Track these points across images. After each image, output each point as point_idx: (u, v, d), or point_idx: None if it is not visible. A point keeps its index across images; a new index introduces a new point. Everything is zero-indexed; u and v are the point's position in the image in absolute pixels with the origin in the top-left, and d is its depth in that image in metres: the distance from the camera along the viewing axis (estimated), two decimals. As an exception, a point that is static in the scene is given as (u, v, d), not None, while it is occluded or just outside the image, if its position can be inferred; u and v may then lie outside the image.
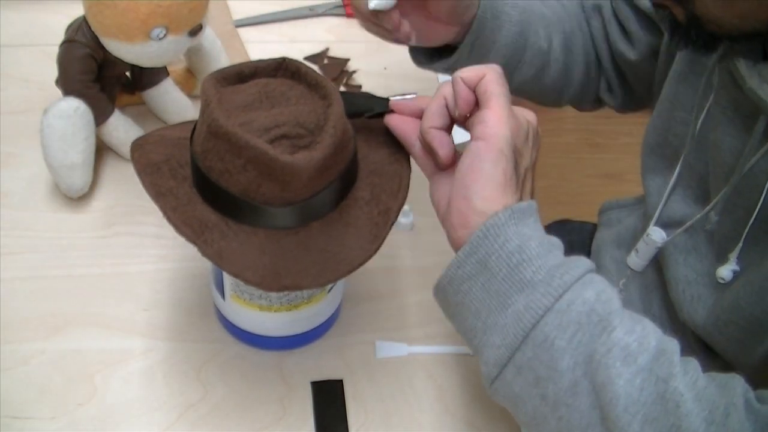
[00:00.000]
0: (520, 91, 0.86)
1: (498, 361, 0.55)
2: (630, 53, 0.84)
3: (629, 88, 0.90)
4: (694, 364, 0.54)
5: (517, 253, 0.54)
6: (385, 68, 1.01)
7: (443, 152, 0.60)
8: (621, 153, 1.99)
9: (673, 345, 0.54)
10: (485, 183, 0.56)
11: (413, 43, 0.76)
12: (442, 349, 0.74)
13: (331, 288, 0.68)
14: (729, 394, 0.52)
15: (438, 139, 0.60)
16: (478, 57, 0.78)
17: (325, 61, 1.01)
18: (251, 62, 0.63)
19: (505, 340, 0.54)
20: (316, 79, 0.61)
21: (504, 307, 0.54)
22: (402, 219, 0.82)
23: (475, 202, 0.56)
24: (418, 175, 0.64)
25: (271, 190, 0.57)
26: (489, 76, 0.57)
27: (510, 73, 0.80)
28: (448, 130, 0.62)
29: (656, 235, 0.75)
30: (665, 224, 0.76)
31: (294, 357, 0.72)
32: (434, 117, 0.60)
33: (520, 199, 0.58)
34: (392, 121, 0.64)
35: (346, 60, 1.01)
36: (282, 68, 0.62)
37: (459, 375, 0.72)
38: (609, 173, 1.96)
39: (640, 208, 0.86)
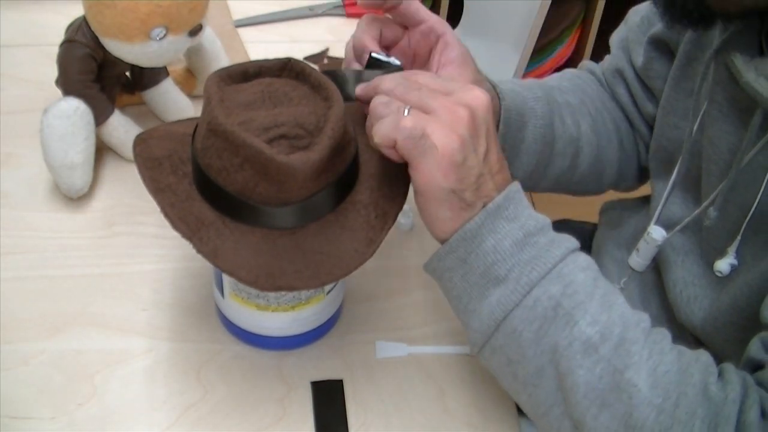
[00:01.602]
0: (559, 186, 0.83)
1: (476, 342, 0.61)
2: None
3: None
4: (661, 344, 0.58)
5: (492, 252, 0.58)
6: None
7: None
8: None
9: (636, 332, 0.57)
10: (439, 224, 0.60)
11: None
12: (442, 349, 0.74)
13: (330, 290, 0.68)
14: (685, 381, 0.56)
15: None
16: (509, 158, 0.75)
17: (325, 61, 1.01)
18: (256, 61, 0.63)
19: (481, 326, 0.60)
20: (320, 81, 0.61)
21: (481, 298, 0.60)
22: (402, 219, 0.82)
23: (438, 234, 0.61)
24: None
25: (267, 189, 0.57)
26: (400, 143, 0.56)
27: (543, 169, 0.79)
28: None
29: (656, 233, 0.75)
30: (665, 226, 0.76)
31: (294, 357, 0.72)
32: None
33: (495, 188, 0.59)
34: None
35: (346, 60, 1.01)
36: (287, 68, 0.63)
37: (459, 375, 0.72)
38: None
39: (642, 209, 0.86)
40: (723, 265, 0.67)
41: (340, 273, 0.59)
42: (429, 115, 0.57)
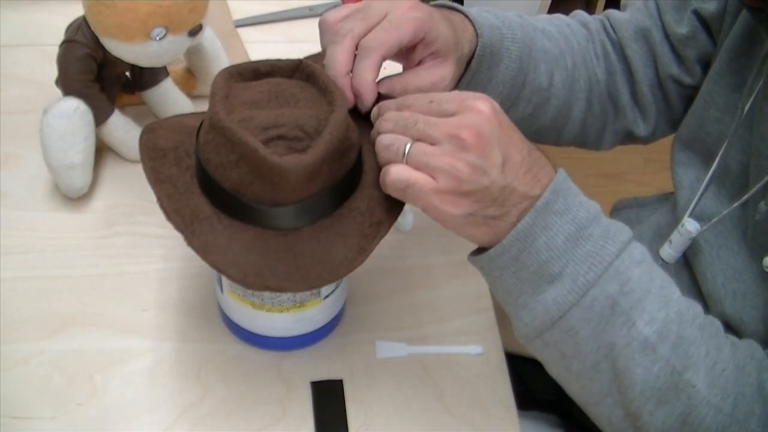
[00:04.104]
0: None
1: (526, 335, 0.60)
2: (684, 76, 0.81)
3: (670, 110, 0.86)
4: (716, 338, 0.58)
5: (545, 250, 0.57)
6: (384, 67, 1.00)
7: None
8: (621, 153, 1.97)
9: (693, 329, 0.58)
10: (476, 240, 0.60)
11: None
12: (442, 349, 0.74)
13: (328, 295, 0.68)
14: (742, 381, 0.57)
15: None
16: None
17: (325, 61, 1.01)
18: (269, 61, 0.63)
19: (533, 322, 0.59)
20: (326, 84, 0.61)
21: (534, 293, 0.58)
22: (401, 219, 0.82)
23: (481, 244, 0.60)
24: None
25: (261, 189, 0.57)
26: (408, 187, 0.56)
27: (506, 110, 0.78)
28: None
29: (691, 226, 0.75)
30: (698, 218, 0.75)
31: (294, 357, 0.72)
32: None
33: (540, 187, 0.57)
34: None
35: (346, 60, 1.01)
36: (299, 70, 0.63)
37: (459, 375, 0.72)
38: (609, 173, 1.96)
39: (661, 205, 0.86)
40: None
41: (328, 278, 0.59)
42: (435, 147, 0.56)
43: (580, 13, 0.89)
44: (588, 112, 0.85)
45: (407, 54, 0.68)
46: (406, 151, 0.57)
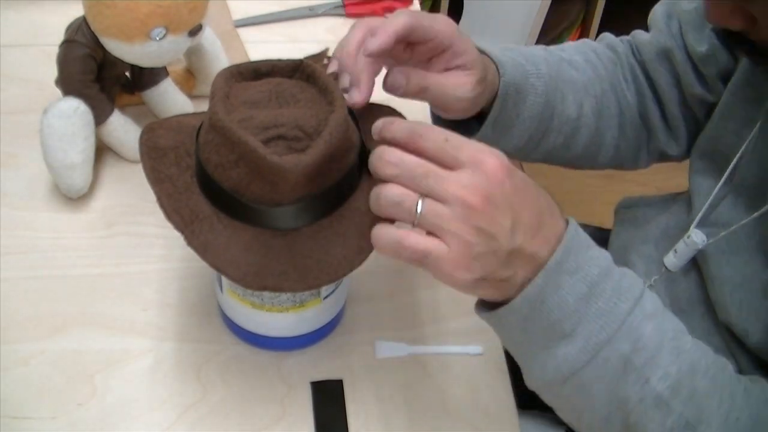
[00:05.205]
0: (549, 159, 0.82)
1: (536, 386, 0.60)
2: (707, 95, 0.81)
3: (700, 129, 0.84)
4: (730, 387, 0.58)
5: (556, 309, 0.56)
6: (384, 68, 1.00)
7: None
8: (621, 153, 1.99)
9: (705, 381, 0.57)
10: (484, 298, 0.58)
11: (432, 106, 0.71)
12: (442, 349, 0.74)
13: (328, 295, 0.68)
14: (758, 429, 0.57)
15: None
16: (503, 130, 0.75)
17: (325, 61, 1.01)
18: (270, 60, 0.63)
19: (544, 376, 0.58)
20: (327, 84, 0.61)
21: (544, 348, 0.57)
22: (402, 219, 0.82)
23: (488, 300, 0.59)
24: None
25: (260, 189, 0.57)
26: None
27: (536, 143, 0.78)
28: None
29: (697, 237, 0.75)
30: (708, 226, 0.75)
31: (294, 357, 0.72)
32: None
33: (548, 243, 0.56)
34: None
35: (346, 60, 1.01)
36: (299, 70, 0.63)
37: (459, 375, 0.72)
38: (609, 173, 1.95)
39: (669, 206, 0.86)
40: None
41: (326, 279, 0.59)
42: (445, 208, 0.53)
43: (607, 36, 0.89)
44: (621, 137, 0.85)
45: (434, 60, 0.67)
46: (419, 211, 0.53)
